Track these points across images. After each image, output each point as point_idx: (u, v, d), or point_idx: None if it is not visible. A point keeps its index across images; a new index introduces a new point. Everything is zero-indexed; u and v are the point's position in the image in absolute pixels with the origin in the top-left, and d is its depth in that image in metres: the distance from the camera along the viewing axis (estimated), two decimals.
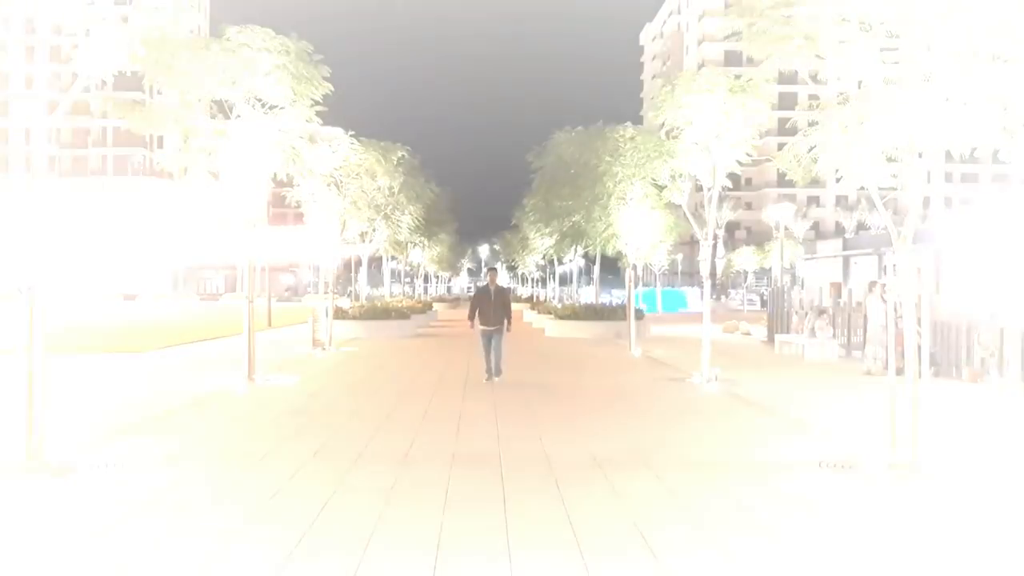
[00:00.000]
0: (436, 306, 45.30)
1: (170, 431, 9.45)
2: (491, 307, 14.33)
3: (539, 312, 32.59)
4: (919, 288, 7.57)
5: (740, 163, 14.45)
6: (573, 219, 24.64)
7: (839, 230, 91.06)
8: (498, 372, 14.39)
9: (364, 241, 26.08)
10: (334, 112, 15.10)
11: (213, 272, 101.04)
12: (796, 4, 7.55)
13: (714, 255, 48.75)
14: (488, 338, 14.41)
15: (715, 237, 14.92)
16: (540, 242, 34.24)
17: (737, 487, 7.02)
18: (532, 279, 70.89)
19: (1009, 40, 6.98)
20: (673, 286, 63.95)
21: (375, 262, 45.63)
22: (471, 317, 14.58)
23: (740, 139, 14.01)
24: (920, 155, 7.51)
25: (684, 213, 17.09)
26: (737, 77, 13.82)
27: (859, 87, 7.87)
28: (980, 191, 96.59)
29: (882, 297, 16.19)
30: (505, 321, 14.36)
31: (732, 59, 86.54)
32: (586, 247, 28.38)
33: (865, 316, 17.62)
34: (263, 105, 13.43)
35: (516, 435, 9.34)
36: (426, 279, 69.59)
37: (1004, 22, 6.78)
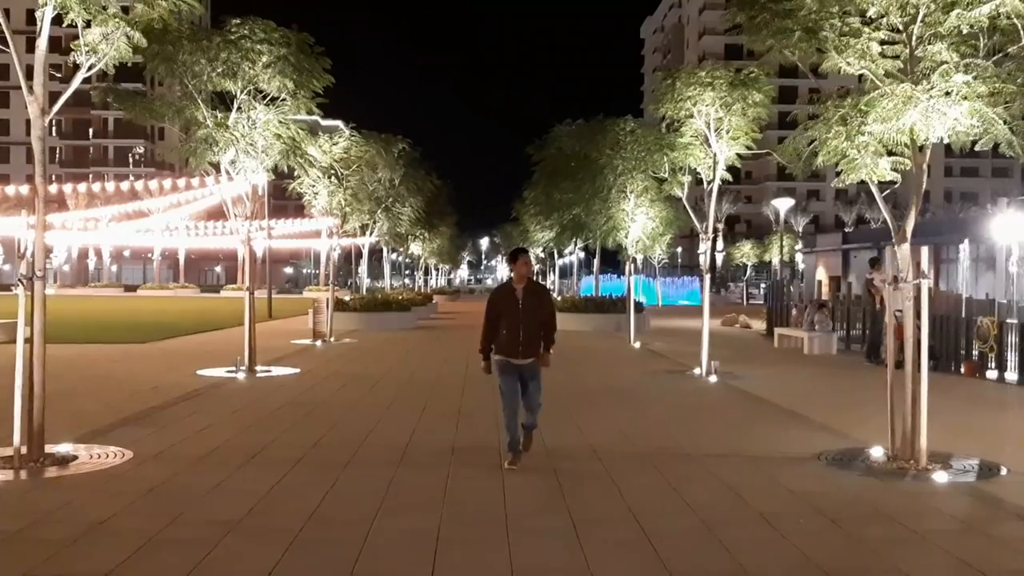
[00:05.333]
0: (436, 299, 45.56)
1: (169, 424, 9.47)
2: (520, 323, 7.37)
3: None
4: (919, 281, 7.56)
5: (740, 156, 14.46)
6: (573, 212, 24.64)
7: (839, 224, 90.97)
8: (526, 442, 7.63)
9: (365, 233, 26.09)
10: (334, 105, 15.10)
11: (213, 263, 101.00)
12: None
13: (714, 248, 48.68)
14: (515, 380, 7.46)
15: (715, 230, 14.87)
16: (540, 235, 34.25)
17: (735, 478, 7.05)
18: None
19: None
20: (673, 279, 63.95)
21: (376, 254, 45.68)
22: (484, 347, 7.56)
23: (740, 133, 14.02)
24: (920, 149, 7.51)
25: (684, 206, 17.10)
26: (738, 71, 13.82)
27: (860, 81, 7.87)
28: (980, 185, 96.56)
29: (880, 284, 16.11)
30: (543, 345, 7.53)
31: (733, 53, 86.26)
32: (586, 240, 28.39)
33: (880, 309, 17.51)
34: (264, 97, 13.43)
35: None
36: (426, 271, 69.60)
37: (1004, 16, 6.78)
